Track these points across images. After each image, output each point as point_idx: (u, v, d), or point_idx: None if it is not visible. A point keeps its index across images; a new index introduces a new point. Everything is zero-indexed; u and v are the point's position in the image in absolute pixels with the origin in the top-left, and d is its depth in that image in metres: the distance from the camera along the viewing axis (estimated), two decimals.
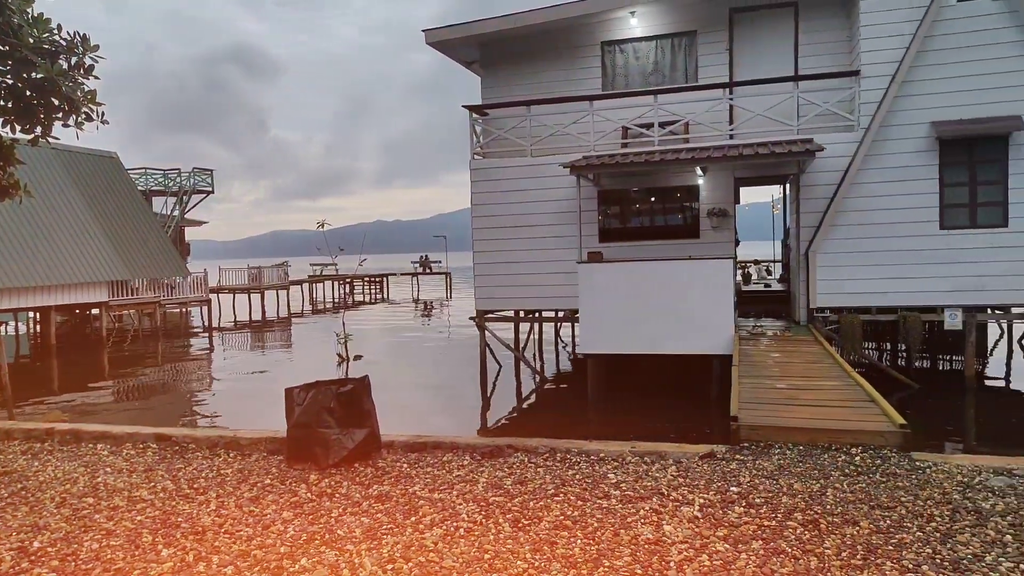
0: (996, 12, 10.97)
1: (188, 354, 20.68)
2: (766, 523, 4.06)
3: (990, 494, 4.38)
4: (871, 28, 11.54)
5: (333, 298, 41.71)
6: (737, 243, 13.70)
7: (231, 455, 5.99)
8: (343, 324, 14.77)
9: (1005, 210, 11.20)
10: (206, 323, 26.26)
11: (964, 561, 3.49)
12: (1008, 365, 14.73)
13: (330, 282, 42.57)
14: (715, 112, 12.64)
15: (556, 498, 4.61)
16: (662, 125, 12.80)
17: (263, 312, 31.30)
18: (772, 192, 21.14)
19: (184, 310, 30.04)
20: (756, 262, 23.26)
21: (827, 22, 12.66)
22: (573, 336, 18.82)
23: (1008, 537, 3.74)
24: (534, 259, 13.20)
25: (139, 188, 28.91)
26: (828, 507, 4.26)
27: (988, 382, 13.39)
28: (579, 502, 4.52)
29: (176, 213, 32.68)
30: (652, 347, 11.39)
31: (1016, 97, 10.99)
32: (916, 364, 13.43)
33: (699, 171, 12.67)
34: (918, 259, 11.48)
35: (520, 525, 4.17)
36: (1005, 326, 16.46)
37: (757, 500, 4.43)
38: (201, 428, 10.22)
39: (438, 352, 19.27)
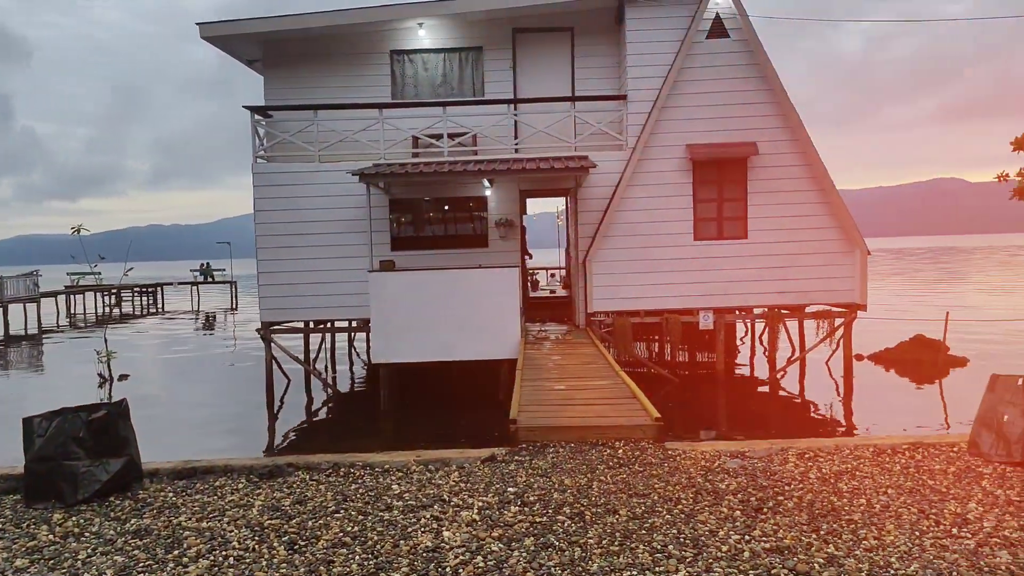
0: (736, 51, 12.56)
1: None
2: (538, 520, 4.29)
3: (726, 475, 4.99)
4: (636, 57, 12.69)
5: (96, 311, 37.37)
6: (530, 255, 14.46)
7: None
8: (105, 340, 13.28)
9: (744, 224, 12.86)
10: None
11: (702, 537, 3.94)
12: (751, 359, 16.88)
13: (93, 293, 38.08)
14: (501, 127, 13.16)
15: (336, 515, 4.52)
16: (451, 136, 13.08)
17: (6, 328, 27.24)
18: (557, 204, 22.44)
19: None
20: (546, 269, 24.49)
21: (600, 48, 13.71)
22: (368, 346, 18.55)
23: (737, 512, 4.29)
24: (323, 268, 12.83)
25: None
26: (593, 499, 4.60)
27: (737, 373, 15.26)
28: (360, 516, 4.47)
29: None
30: (444, 354, 11.57)
31: (752, 126, 12.68)
32: (678, 360, 14.96)
33: (487, 183, 13.10)
34: (677, 267, 12.81)
35: (297, 547, 4.03)
36: (749, 324, 18.87)
37: (531, 498, 4.67)
38: None
39: (220, 368, 18.01)
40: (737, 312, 13.37)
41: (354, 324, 13.23)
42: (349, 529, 4.26)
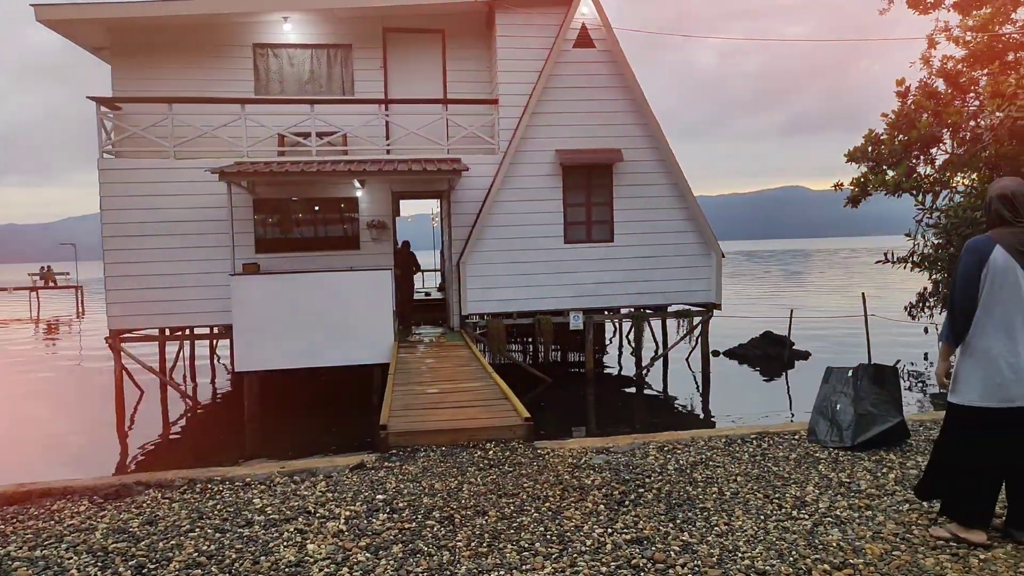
0: (601, 60, 13.03)
1: None
2: (407, 526, 4.24)
3: (592, 471, 5.15)
4: (506, 62, 12.87)
5: None
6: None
7: None
8: None
9: (611, 227, 13.35)
10: None
11: (568, 533, 4.04)
12: (620, 357, 17.56)
13: None
14: (372, 127, 12.93)
15: (191, 534, 4.25)
16: (320, 135, 12.71)
17: None
18: (432, 206, 22.35)
19: None
20: (421, 271, 24.28)
21: (471, 51, 13.79)
22: (232, 353, 17.62)
23: (601, 506, 4.43)
24: (181, 271, 12.08)
25: None
26: (463, 502, 4.61)
27: (606, 371, 15.82)
28: (217, 534, 4.23)
29: None
30: (314, 360, 11.22)
31: (617, 134, 13.19)
32: (551, 360, 15.32)
33: (357, 183, 12.83)
34: (548, 269, 13.10)
35: (145, 571, 3.75)
36: (617, 324, 19.64)
37: (401, 505, 4.60)
38: None
39: (63, 381, 16.53)
40: (606, 313, 13.86)
41: (216, 331, 12.54)
42: (205, 548, 4.02)
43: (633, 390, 14.09)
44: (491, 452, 5.70)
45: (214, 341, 16.66)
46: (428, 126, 12.85)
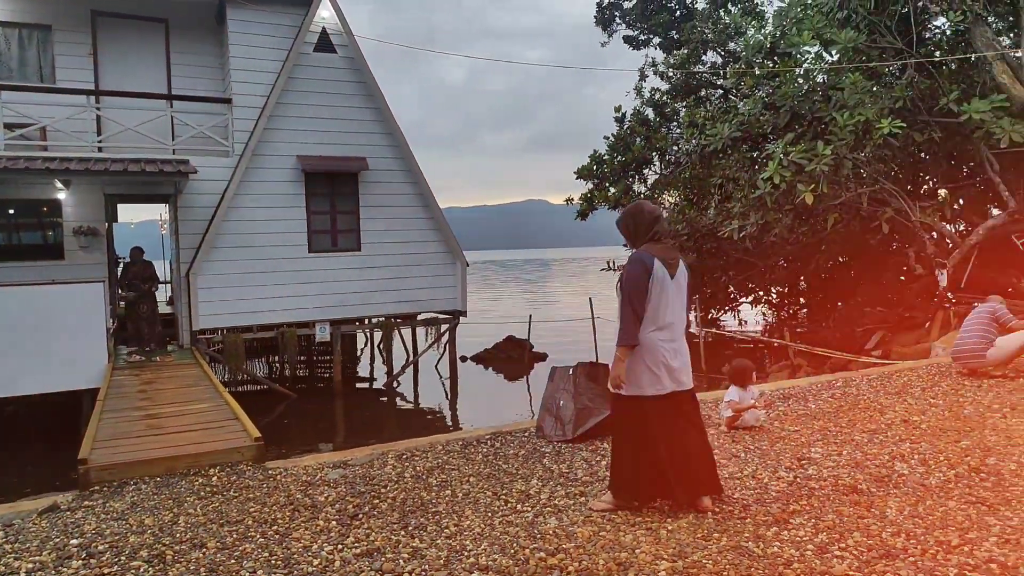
0: (343, 67, 12.82)
1: None
2: (106, 571, 3.74)
3: (327, 487, 4.98)
4: (239, 60, 12.13)
5: None
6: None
7: None
8: None
9: (358, 236, 13.18)
10: None
11: (295, 556, 3.85)
12: (372, 368, 17.38)
13: None
14: (80, 120, 11.39)
15: None
16: (10, 127, 10.90)
17: None
18: (161, 211, 20.31)
19: None
20: None
21: (200, 46, 12.79)
22: None
23: (333, 523, 4.30)
24: None
25: None
26: (178, 536, 4.19)
27: (359, 384, 15.56)
28: None
29: None
30: (4, 390, 9.54)
31: (362, 141, 13.06)
32: (297, 374, 14.68)
33: (59, 184, 11.22)
34: (292, 279, 12.55)
35: None
36: (369, 334, 19.41)
37: (101, 547, 4.05)
38: None
39: None
40: (357, 323, 13.63)
41: None
42: None
43: (385, 400, 14.02)
44: (215, 478, 5.26)
45: None
46: (150, 123, 11.65)
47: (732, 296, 19.12)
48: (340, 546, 3.94)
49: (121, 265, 13.30)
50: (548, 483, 4.86)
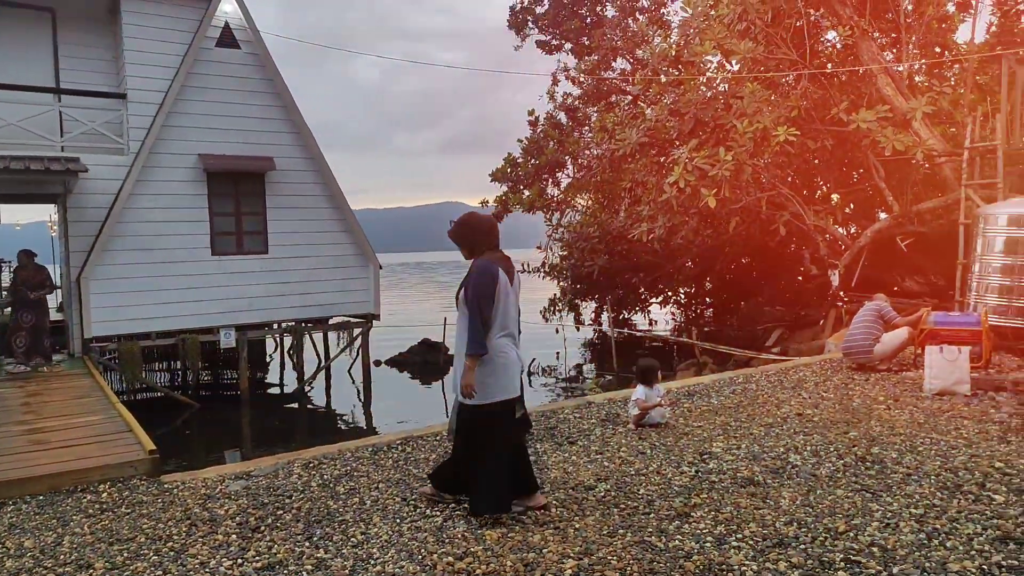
0: (248, 63, 12.39)
1: None
2: None
3: (227, 500, 4.78)
4: (135, 54, 11.52)
5: None
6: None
7: None
8: None
9: (265, 238, 12.75)
10: None
11: (191, 573, 3.67)
12: (282, 375, 16.85)
13: None
14: None
15: None
16: None
17: None
18: (51, 212, 19.09)
19: None
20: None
21: (91, 39, 12.08)
22: None
23: (233, 536, 4.13)
24: None
25: None
26: (62, 558, 3.93)
27: (268, 391, 15.05)
28: None
29: None
30: None
31: (269, 141, 12.65)
32: (201, 382, 14.07)
33: None
34: (194, 283, 12.01)
35: None
36: (279, 340, 18.83)
37: None
38: None
39: None
40: (265, 329, 13.19)
41: None
42: None
43: (295, 407, 13.64)
44: (104, 494, 4.96)
45: None
46: (35, 119, 10.91)
47: (643, 296, 19.63)
48: (240, 560, 3.80)
49: (5, 270, 12.40)
50: None
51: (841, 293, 13.01)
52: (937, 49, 14.57)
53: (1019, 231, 9.15)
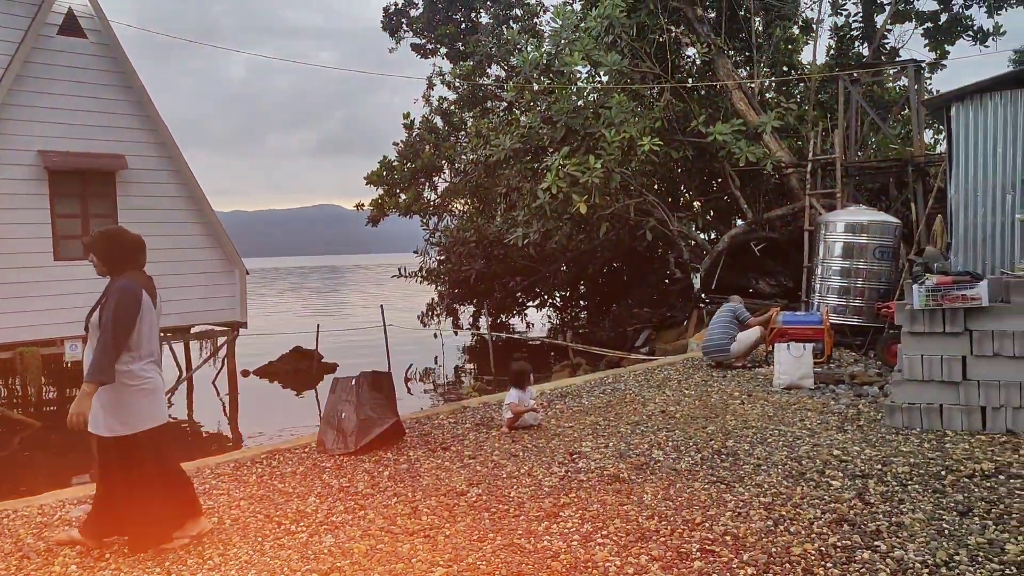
0: (96, 55, 11.48)
1: None
2: None
3: (68, 528, 4.38)
4: None
5: None
6: None
7: None
8: None
9: None
10: None
11: None
12: None
13: None
14: None
15: None
16: None
17: None
18: None
19: None
20: None
21: None
22: None
23: (73, 568, 3.78)
24: None
25: None
26: None
27: None
28: None
29: None
30: None
31: (120, 138, 11.77)
32: (44, 399, 12.88)
33: None
34: (34, 291, 10.99)
35: None
36: None
37: None
38: None
39: None
40: None
41: None
42: None
43: None
44: None
45: None
46: None
47: (520, 300, 19.92)
48: None
49: None
50: (327, 499, 4.68)
51: (702, 295, 13.77)
52: (785, 68, 15.80)
53: (855, 237, 10.06)
